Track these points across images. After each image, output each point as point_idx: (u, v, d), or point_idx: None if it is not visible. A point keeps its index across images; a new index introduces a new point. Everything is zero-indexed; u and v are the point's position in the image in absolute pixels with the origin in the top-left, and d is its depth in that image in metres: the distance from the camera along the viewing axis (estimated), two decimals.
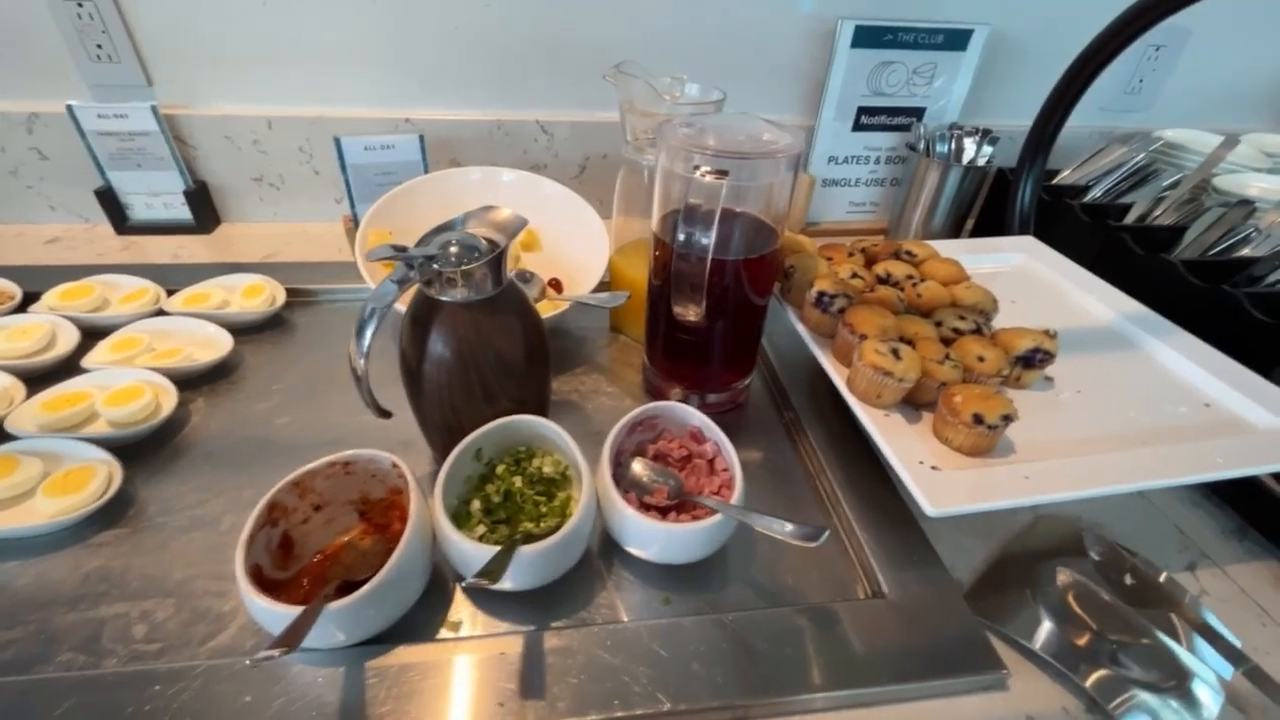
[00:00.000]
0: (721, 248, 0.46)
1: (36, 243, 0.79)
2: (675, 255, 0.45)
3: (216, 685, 0.34)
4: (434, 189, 0.68)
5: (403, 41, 0.77)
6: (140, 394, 0.51)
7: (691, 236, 0.45)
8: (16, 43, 0.71)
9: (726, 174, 0.42)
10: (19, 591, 0.40)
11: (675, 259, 0.45)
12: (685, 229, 0.45)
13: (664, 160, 0.48)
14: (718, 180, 0.42)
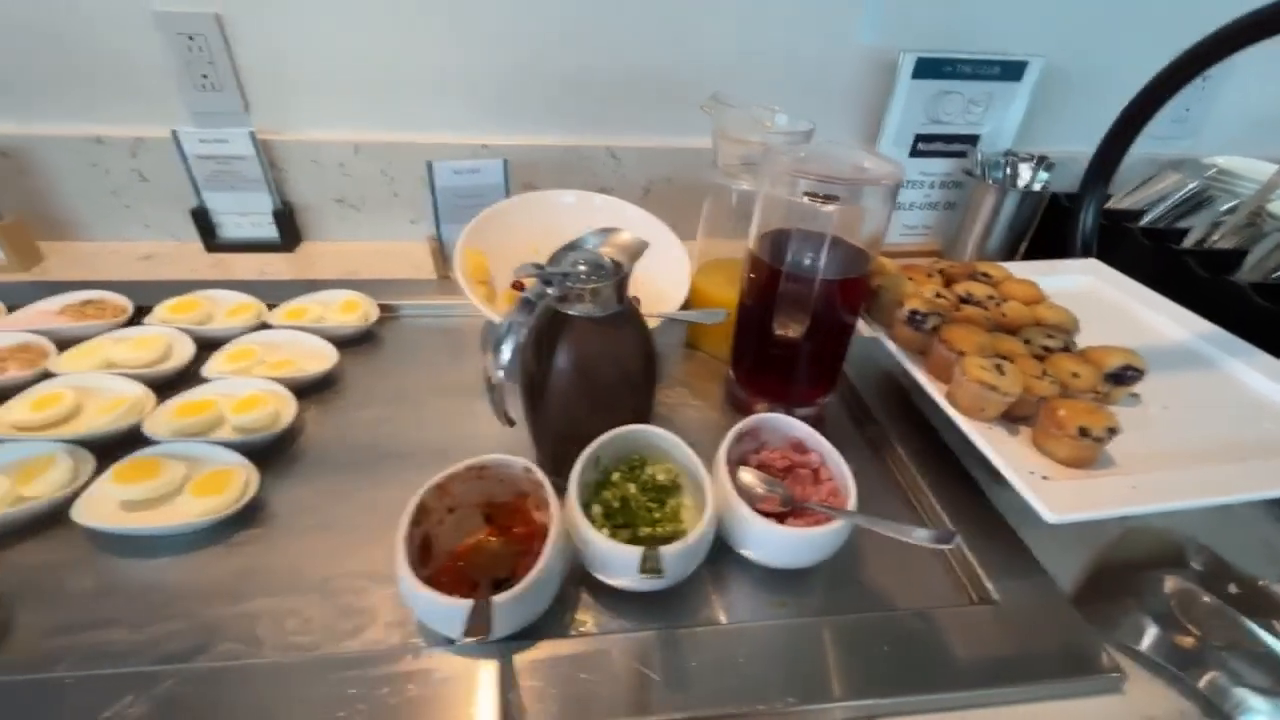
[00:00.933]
0: (825, 269, 0.49)
1: (132, 258, 0.83)
2: (785, 276, 0.48)
3: (379, 673, 0.36)
4: (522, 211, 0.72)
5: (482, 72, 0.81)
6: (264, 402, 0.54)
7: (801, 258, 0.47)
8: (128, 75, 0.76)
9: (837, 199, 0.45)
10: (172, 585, 0.42)
11: (784, 279, 0.48)
12: (795, 251, 0.48)
13: (767, 185, 0.51)
14: (828, 205, 0.45)
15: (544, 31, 0.79)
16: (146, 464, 0.47)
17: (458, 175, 0.74)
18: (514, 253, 0.71)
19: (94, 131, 0.78)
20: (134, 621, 0.40)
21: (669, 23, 0.81)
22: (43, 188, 0.81)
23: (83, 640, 0.39)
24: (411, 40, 0.78)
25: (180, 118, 0.80)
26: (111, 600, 0.41)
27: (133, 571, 0.43)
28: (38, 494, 0.45)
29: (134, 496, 0.45)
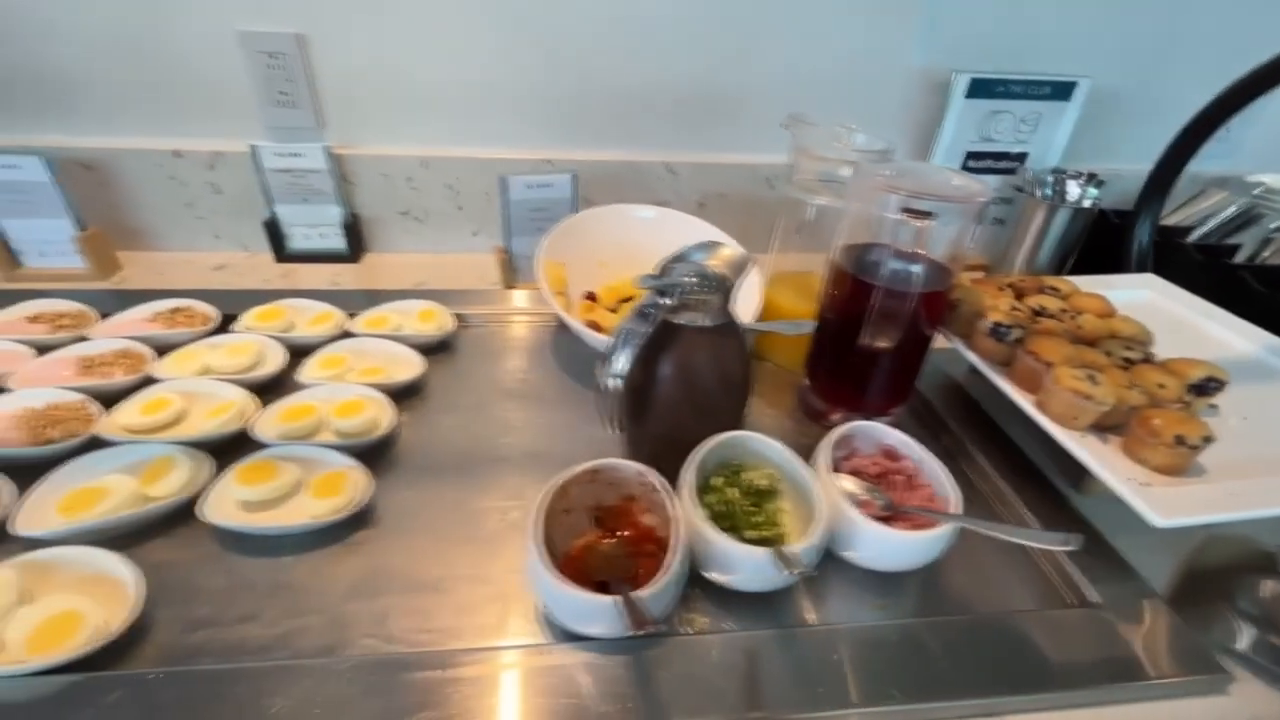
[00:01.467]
0: (915, 283, 0.51)
1: (205, 268, 0.85)
2: (877, 290, 0.49)
3: (511, 666, 0.38)
4: (596, 224, 0.74)
5: (546, 90, 0.84)
6: (363, 408, 0.55)
7: (892, 272, 0.49)
8: (209, 91, 0.79)
9: (931, 215, 0.47)
10: (299, 582, 0.44)
11: (877, 293, 0.50)
12: (885, 265, 0.49)
13: (856, 201, 0.53)
14: (924, 221, 0.47)
15: (607, 51, 0.82)
16: (265, 466, 0.48)
17: (529, 189, 0.77)
18: (585, 264, 0.73)
19: (174, 145, 0.81)
20: (269, 617, 0.41)
21: (727, 44, 0.83)
22: (120, 199, 0.83)
23: (222, 635, 0.40)
24: (480, 58, 0.81)
25: (256, 133, 0.82)
26: (244, 596, 0.43)
27: (260, 569, 0.44)
28: (163, 494, 0.47)
29: (254, 497, 0.47)
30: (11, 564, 0.40)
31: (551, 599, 0.38)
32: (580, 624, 0.39)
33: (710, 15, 0.81)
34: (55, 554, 0.41)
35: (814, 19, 0.82)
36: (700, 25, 0.82)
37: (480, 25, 0.79)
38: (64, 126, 0.79)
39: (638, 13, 0.80)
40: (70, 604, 0.38)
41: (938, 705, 0.38)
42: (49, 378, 0.58)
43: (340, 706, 0.35)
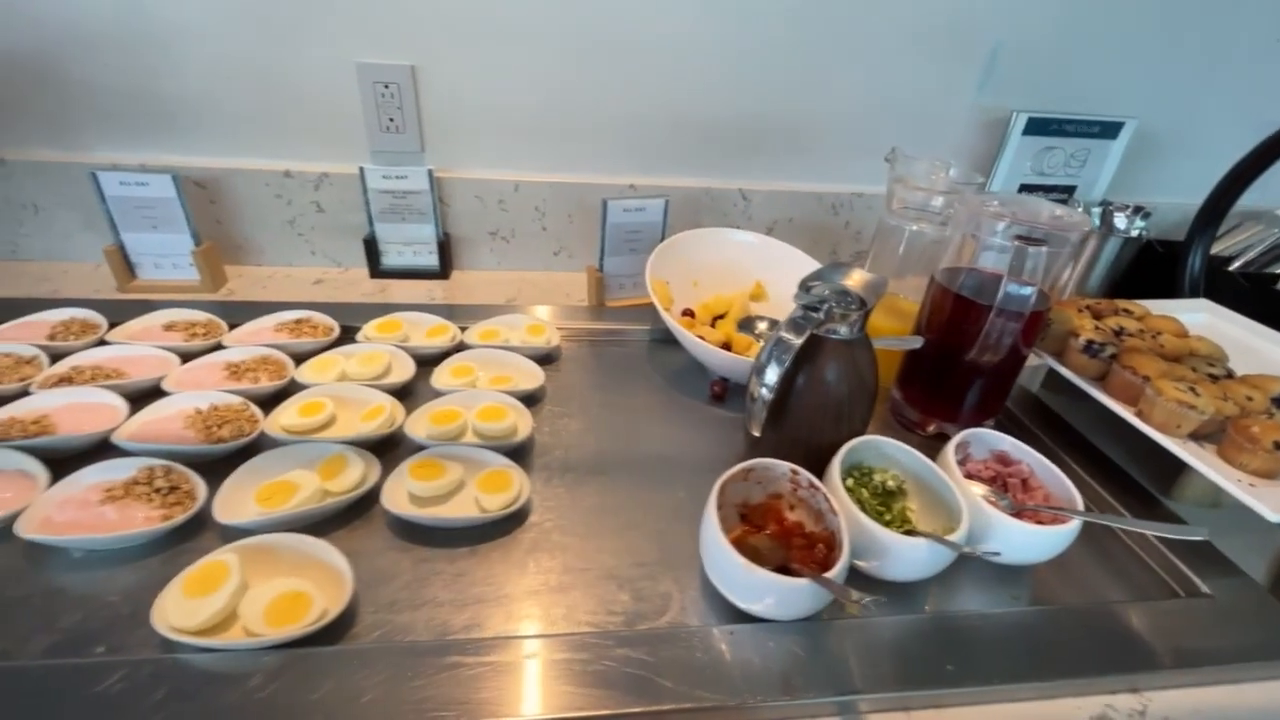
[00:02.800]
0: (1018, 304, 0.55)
1: (305, 283, 0.89)
2: (994, 311, 0.54)
3: (703, 646, 0.41)
4: (692, 245, 0.79)
5: (631, 120, 0.90)
6: (504, 413, 0.59)
7: (1010, 295, 0.54)
8: (322, 116, 0.84)
9: (1045, 242, 0.52)
10: (477, 570, 0.47)
11: (994, 315, 0.54)
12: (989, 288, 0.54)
13: (962, 228, 0.59)
14: (1038, 248, 0.52)
15: (689, 84, 0.88)
16: (432, 464, 0.52)
17: (625, 213, 0.82)
18: (680, 283, 0.78)
19: (285, 166, 0.86)
20: (457, 601, 0.45)
21: (800, 79, 0.90)
22: (227, 215, 0.88)
23: (418, 616, 0.43)
24: (571, 89, 0.87)
25: (362, 156, 0.87)
26: (431, 583, 0.46)
27: (439, 558, 0.48)
28: (341, 489, 0.50)
29: (424, 492, 0.51)
30: (232, 549, 0.43)
31: (745, 584, 0.42)
32: (759, 605, 0.42)
33: (785, 52, 0.88)
34: (270, 540, 0.44)
35: (884, 59, 0.89)
36: (776, 61, 0.88)
37: (572, 58, 0.84)
38: (182, 147, 0.84)
39: (720, 49, 0.86)
40: (296, 585, 0.41)
41: (1084, 681, 0.42)
42: (202, 382, 0.61)
43: (552, 683, 0.39)
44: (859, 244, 1.01)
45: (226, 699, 0.36)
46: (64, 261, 0.87)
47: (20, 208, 0.84)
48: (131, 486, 0.48)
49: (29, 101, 0.80)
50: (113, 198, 0.77)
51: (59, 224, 0.86)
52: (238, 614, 0.40)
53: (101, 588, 0.44)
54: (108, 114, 0.81)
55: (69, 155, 0.82)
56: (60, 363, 0.62)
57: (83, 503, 0.47)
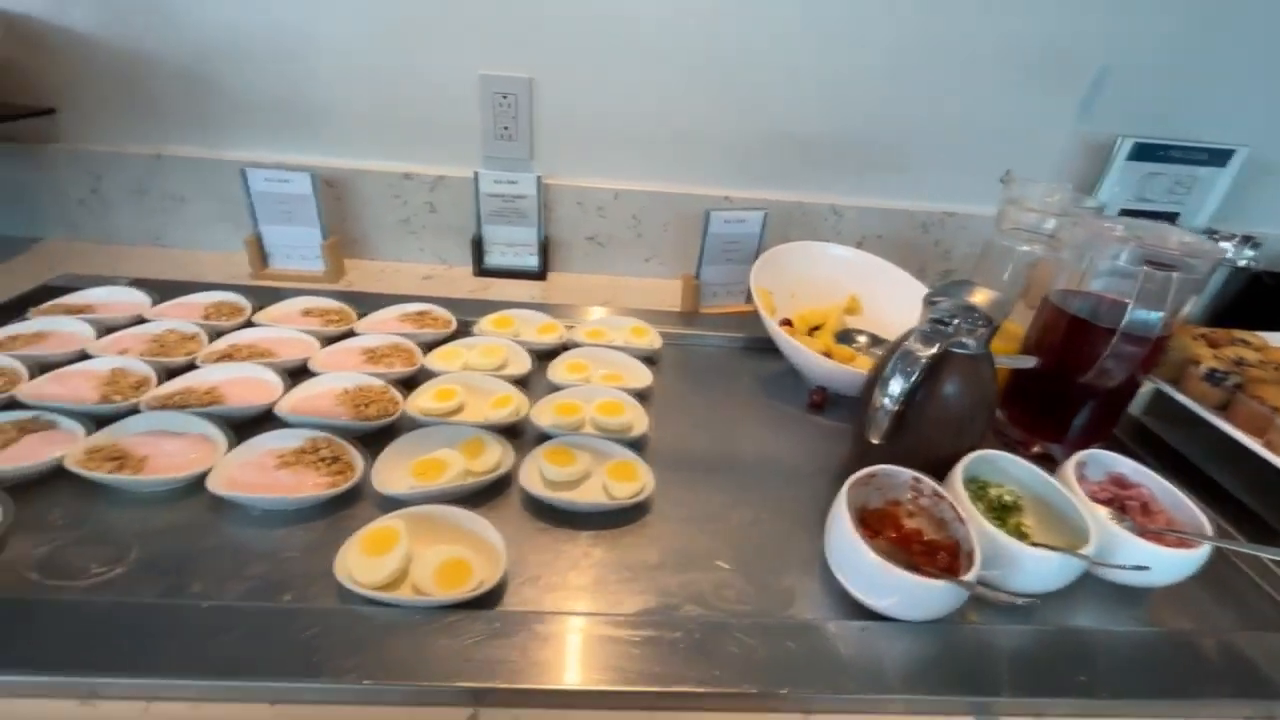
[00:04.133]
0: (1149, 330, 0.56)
1: (415, 278, 0.95)
2: (1117, 335, 0.55)
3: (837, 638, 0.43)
4: (791, 256, 0.81)
5: (729, 134, 0.93)
6: (621, 409, 0.62)
7: (1135, 320, 0.55)
8: (442, 124, 0.90)
9: (1175, 268, 0.53)
10: (609, 554, 0.50)
11: (1117, 339, 0.55)
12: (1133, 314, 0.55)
13: (1083, 249, 0.59)
14: (1168, 273, 0.52)
15: (788, 101, 0.91)
16: (564, 451, 0.56)
17: (726, 224, 0.84)
18: (778, 293, 0.80)
19: (405, 169, 0.92)
20: (594, 580, 0.48)
21: (899, 98, 0.91)
22: (349, 212, 0.94)
23: (562, 591, 0.47)
24: (674, 103, 0.90)
25: (475, 161, 0.93)
26: (566, 561, 0.49)
27: (572, 540, 0.51)
28: (483, 469, 0.54)
29: (557, 477, 0.54)
30: (400, 516, 0.47)
31: (869, 579, 0.44)
32: (886, 601, 0.44)
33: (888, 73, 0.89)
34: (432, 510, 0.48)
35: (985, 81, 0.90)
36: (878, 81, 0.90)
37: (680, 73, 0.88)
38: (315, 148, 0.91)
39: (822, 69, 0.89)
40: (459, 553, 0.45)
41: (1222, 703, 0.42)
42: (343, 364, 0.66)
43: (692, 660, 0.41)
44: (946, 263, 1.01)
45: (401, 649, 0.40)
46: (200, 250, 0.95)
47: (169, 199, 0.92)
48: (301, 454, 0.53)
49: (185, 104, 0.88)
50: (257, 193, 0.84)
51: (200, 215, 0.93)
52: (408, 574, 0.44)
53: (280, 543, 0.48)
54: (252, 116, 0.89)
55: (214, 153, 0.90)
56: (219, 341, 0.69)
57: (260, 466, 0.52)
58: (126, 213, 0.93)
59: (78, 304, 0.74)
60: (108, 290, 0.77)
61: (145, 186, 0.91)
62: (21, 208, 0.92)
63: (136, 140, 0.90)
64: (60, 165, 0.90)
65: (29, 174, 0.90)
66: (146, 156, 0.89)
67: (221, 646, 0.39)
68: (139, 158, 0.89)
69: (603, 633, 0.42)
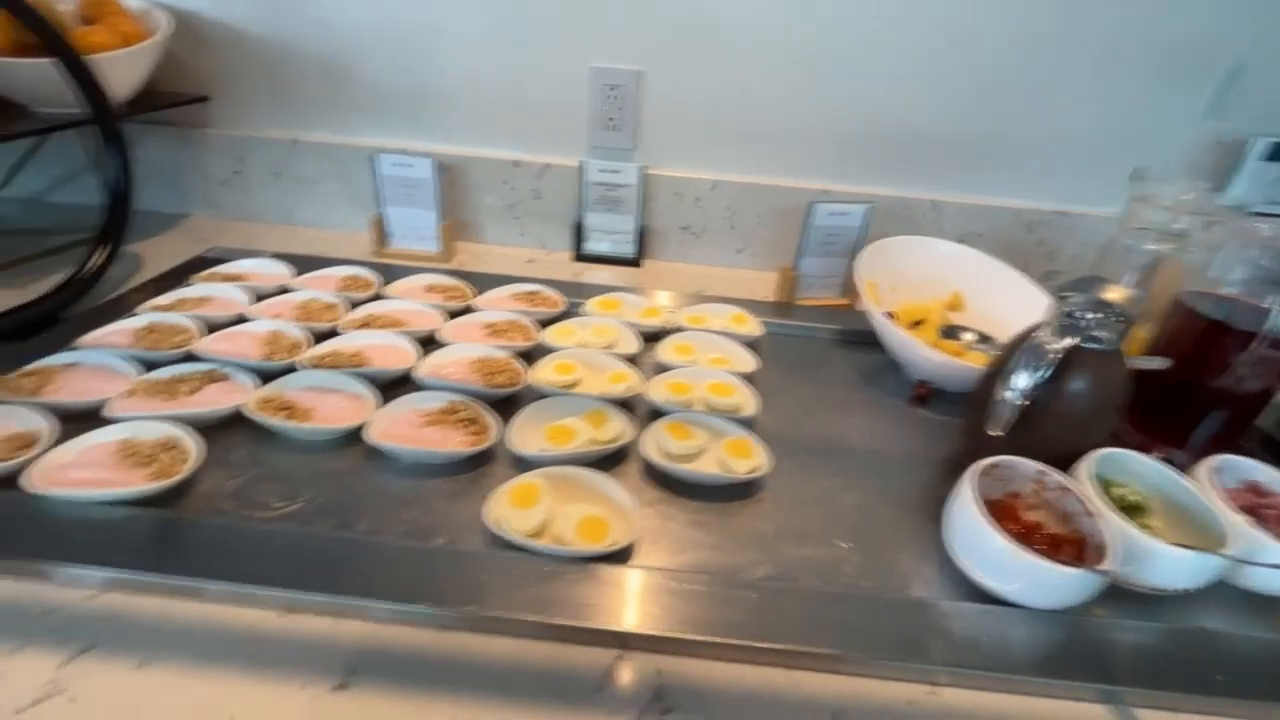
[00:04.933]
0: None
1: (518, 261, 1.00)
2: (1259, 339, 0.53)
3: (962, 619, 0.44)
4: (896, 250, 0.81)
5: (831, 127, 0.93)
6: (731, 390, 0.65)
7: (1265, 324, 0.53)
8: (552, 113, 0.94)
9: None
10: (725, 525, 0.53)
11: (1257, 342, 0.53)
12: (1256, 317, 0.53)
13: (1223, 251, 0.58)
14: None
15: (893, 95, 0.90)
16: (681, 426, 0.58)
17: (830, 216, 0.85)
18: (883, 286, 0.80)
19: (515, 156, 0.97)
20: (716, 547, 0.50)
21: (1010, 93, 0.89)
22: (460, 197, 1.00)
23: (688, 556, 0.49)
24: (779, 97, 0.91)
25: (578, 150, 0.96)
26: (688, 530, 0.52)
27: (689, 509, 0.54)
28: (607, 438, 0.57)
29: (677, 450, 0.56)
30: (541, 475, 0.51)
31: (997, 563, 0.45)
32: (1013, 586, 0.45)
33: (1000, 68, 0.88)
34: (569, 471, 0.52)
35: (1105, 76, 0.87)
36: (988, 76, 0.88)
37: (785, 67, 0.89)
38: (433, 135, 0.97)
39: (932, 63, 0.88)
40: (596, 511, 0.48)
41: None
42: (469, 336, 0.71)
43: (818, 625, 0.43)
44: (1050, 263, 0.99)
45: (552, 591, 0.43)
46: (326, 229, 1.03)
47: (302, 182, 1.00)
48: (443, 415, 0.58)
49: (321, 93, 0.95)
50: (384, 176, 0.91)
51: (328, 196, 1.01)
52: (549, 526, 0.47)
53: (428, 491, 0.53)
54: (380, 105, 0.95)
55: (343, 138, 0.97)
56: (357, 310, 0.75)
57: (408, 423, 0.57)
58: (264, 193, 1.02)
59: (232, 273, 0.82)
60: (255, 261, 0.85)
61: (280, 169, 1.00)
62: (173, 186, 1.02)
63: (277, 126, 0.98)
64: (210, 148, 0.99)
65: (182, 156, 1.00)
66: (284, 141, 0.97)
67: (395, 577, 0.43)
68: (278, 142, 0.97)
69: (730, 593, 0.44)
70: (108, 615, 0.41)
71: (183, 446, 0.52)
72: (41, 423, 0.53)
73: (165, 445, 0.51)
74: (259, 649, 0.40)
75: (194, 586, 0.42)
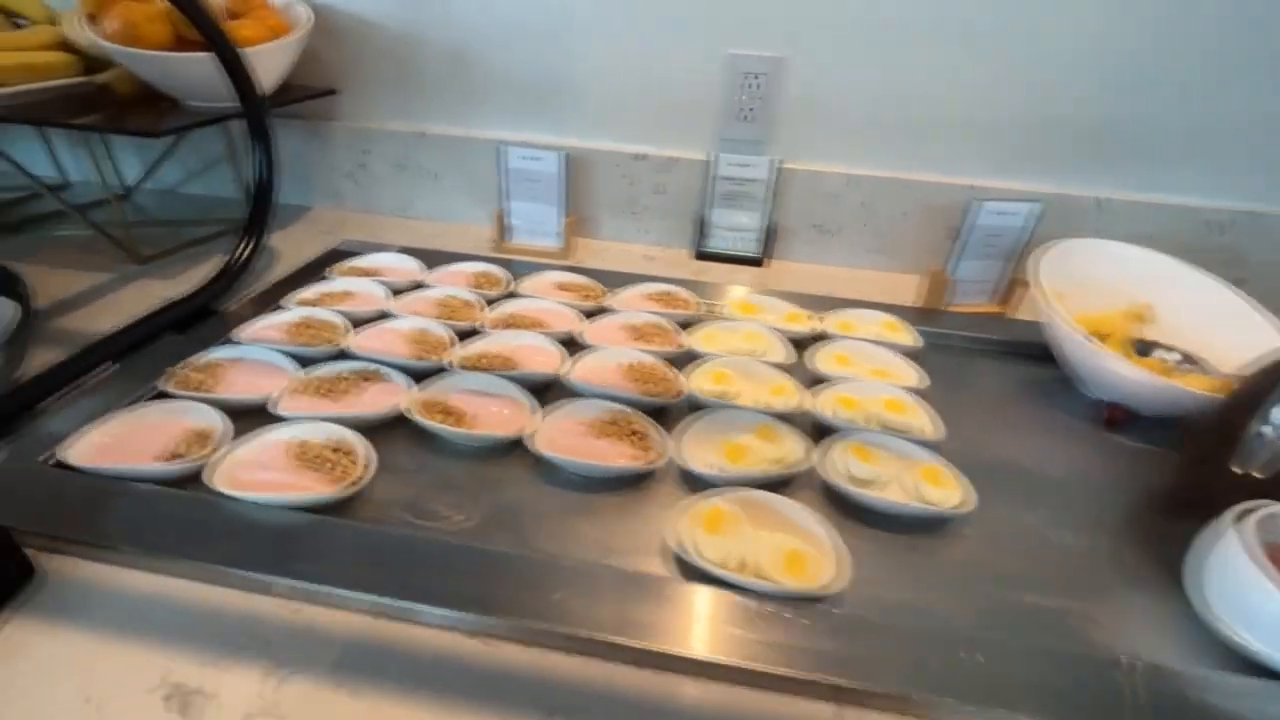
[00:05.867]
0: None
1: (637, 258, 0.96)
2: None
3: (1217, 691, 0.38)
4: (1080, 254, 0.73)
5: (984, 118, 0.85)
6: (909, 409, 0.59)
7: None
8: (681, 105, 0.89)
9: None
10: (925, 562, 0.47)
11: None
12: None
13: None
14: None
15: (1059, 83, 0.81)
16: (865, 449, 0.53)
17: (994, 215, 0.78)
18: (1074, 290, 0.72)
19: (638, 150, 0.93)
20: (906, 585, 0.45)
21: (1202, 79, 0.79)
22: (581, 191, 0.97)
23: (890, 593, 0.44)
24: (929, 86, 0.84)
25: (704, 143, 0.92)
26: (878, 561, 0.47)
27: (881, 540, 0.49)
28: (786, 457, 0.53)
29: (863, 475, 0.51)
30: (735, 499, 0.47)
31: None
32: None
33: (1178, 54, 0.78)
34: (754, 496, 0.48)
35: None
36: (1172, 60, 0.78)
37: (936, 53, 0.81)
38: (558, 128, 0.94)
39: (1103, 46, 0.78)
40: (798, 545, 0.44)
41: None
42: (612, 339, 0.68)
43: (1061, 693, 0.37)
44: (1238, 271, 0.87)
45: (761, 633, 0.39)
46: (445, 221, 1.02)
47: (425, 174, 1.00)
48: (608, 426, 0.55)
49: (447, 85, 0.94)
50: (511, 169, 0.89)
51: (449, 189, 1.00)
52: (747, 557, 0.43)
53: (599, 507, 0.50)
54: (506, 97, 0.93)
55: (468, 131, 0.96)
56: (496, 308, 0.73)
57: (573, 432, 0.54)
58: (386, 186, 1.02)
59: (367, 267, 0.81)
60: (386, 256, 0.84)
61: (404, 162, 0.99)
62: (299, 179, 1.03)
63: (403, 118, 0.97)
64: (337, 141, 0.99)
65: (310, 149, 1.01)
66: (411, 134, 0.97)
67: (599, 607, 0.40)
68: (404, 135, 0.97)
69: (946, 641, 0.39)
70: (309, 630, 0.40)
71: (352, 449, 0.50)
72: (216, 420, 0.52)
73: (336, 447, 0.50)
74: (460, 677, 0.38)
75: (407, 609, 0.40)
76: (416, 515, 0.48)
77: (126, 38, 0.70)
